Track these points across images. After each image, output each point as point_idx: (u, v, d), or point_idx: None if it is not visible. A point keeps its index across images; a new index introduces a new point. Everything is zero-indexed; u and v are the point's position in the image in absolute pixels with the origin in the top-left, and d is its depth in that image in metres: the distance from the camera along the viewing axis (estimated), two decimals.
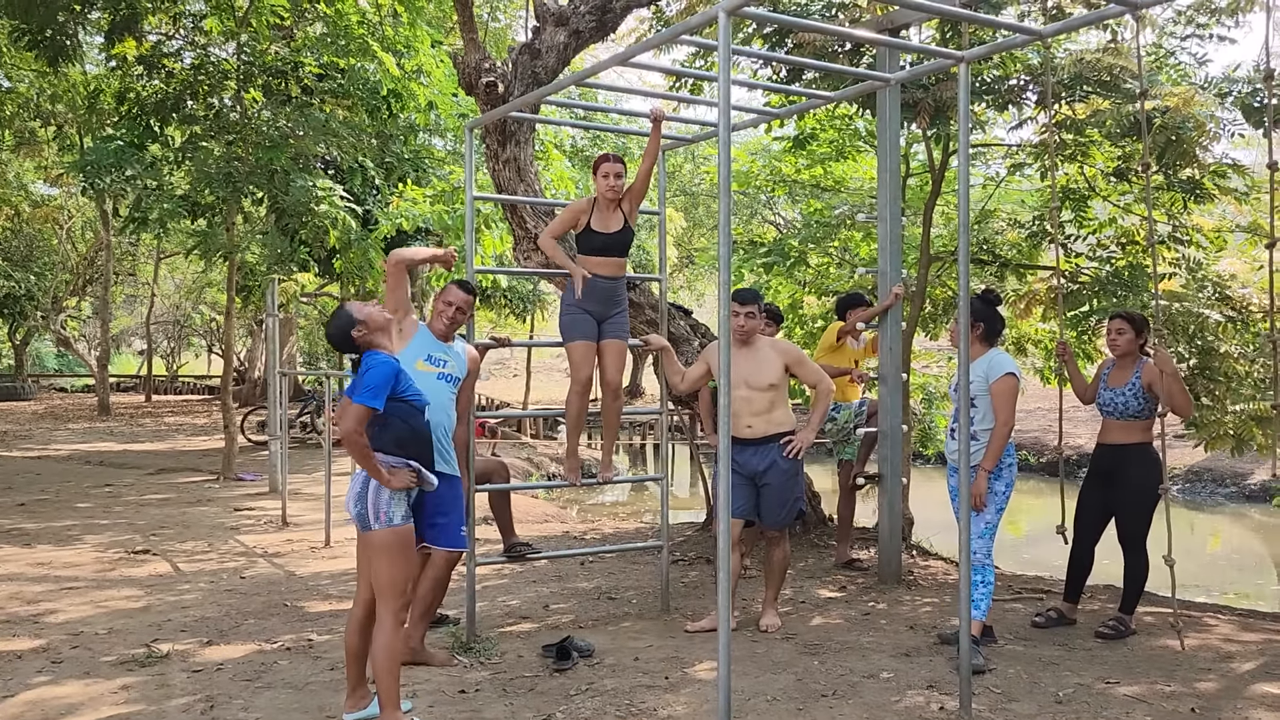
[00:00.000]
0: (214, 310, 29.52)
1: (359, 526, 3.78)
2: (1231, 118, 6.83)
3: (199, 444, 16.44)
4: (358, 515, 3.76)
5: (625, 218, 5.19)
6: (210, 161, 10.90)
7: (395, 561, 3.73)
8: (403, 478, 3.75)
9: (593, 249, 5.17)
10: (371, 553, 3.76)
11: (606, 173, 5.11)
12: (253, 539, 8.08)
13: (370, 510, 3.72)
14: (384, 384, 3.67)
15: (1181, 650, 4.92)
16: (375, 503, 3.71)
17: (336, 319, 3.86)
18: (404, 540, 3.77)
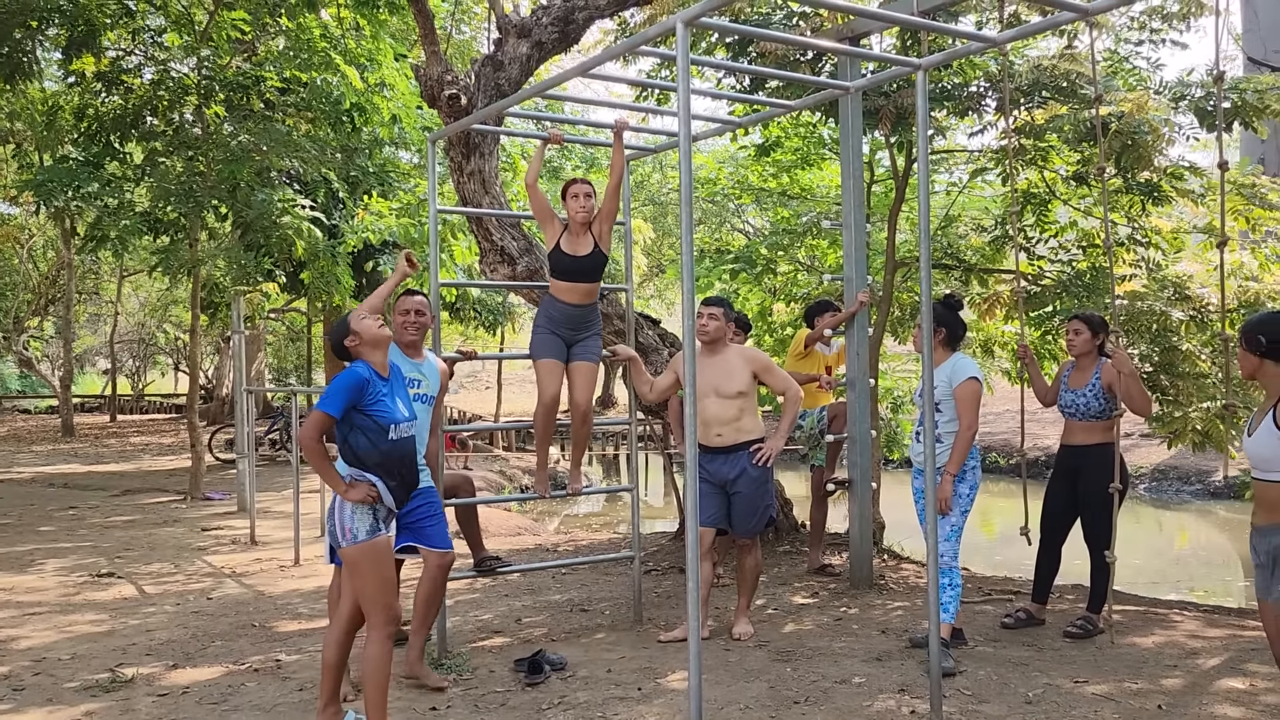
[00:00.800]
0: (179, 329, 29.19)
1: (334, 545, 3.80)
2: (1188, 121, 6.94)
3: (165, 464, 16.24)
4: (330, 534, 3.78)
5: (596, 241, 5.10)
6: (170, 178, 10.78)
7: (367, 575, 3.71)
8: (359, 491, 3.72)
9: (561, 271, 5.10)
10: (347, 567, 3.78)
11: (575, 193, 5.05)
12: (220, 559, 7.99)
13: (337, 527, 3.72)
14: (343, 391, 3.66)
15: (1112, 645, 4.99)
16: (340, 519, 3.71)
17: (337, 326, 3.94)
18: (372, 554, 3.74)
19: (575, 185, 5.10)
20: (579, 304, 5.15)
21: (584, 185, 5.10)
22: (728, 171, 11.49)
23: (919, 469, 5.06)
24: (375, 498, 3.75)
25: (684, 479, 3.65)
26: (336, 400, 3.65)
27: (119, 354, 31.21)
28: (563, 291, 5.11)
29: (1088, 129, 6.39)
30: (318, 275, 11.36)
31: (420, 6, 6.86)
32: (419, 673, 4.56)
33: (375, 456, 3.75)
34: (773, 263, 9.66)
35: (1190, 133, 6.92)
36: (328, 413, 3.65)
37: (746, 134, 9.76)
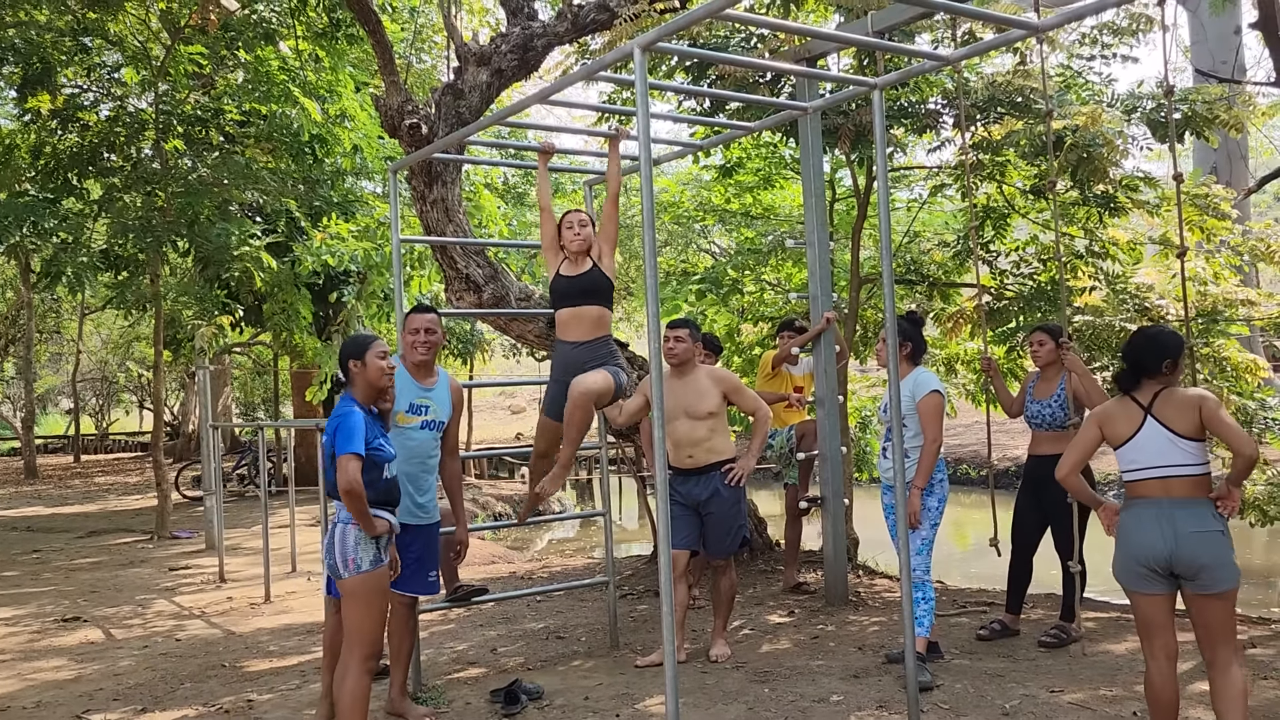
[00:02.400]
0: (142, 366, 28.80)
1: (334, 577, 3.81)
2: (1141, 133, 7.07)
3: (132, 503, 15.97)
4: (329, 566, 3.80)
5: (595, 263, 4.68)
6: (129, 213, 10.68)
7: (365, 607, 3.75)
8: (383, 523, 3.80)
9: (560, 295, 4.65)
10: (345, 599, 3.79)
11: (569, 222, 4.70)
12: (189, 599, 7.85)
13: (339, 559, 3.74)
14: (359, 429, 3.72)
15: (1084, 656, 5.02)
16: (342, 550, 3.73)
17: (354, 342, 3.94)
18: (374, 585, 3.78)
19: (570, 214, 4.83)
20: (584, 340, 4.59)
21: (579, 214, 4.81)
22: (691, 193, 11.54)
23: (887, 485, 5.08)
24: (389, 530, 3.80)
25: (656, 501, 3.64)
26: (358, 438, 3.70)
27: (82, 393, 30.74)
28: (565, 324, 4.63)
29: (1043, 143, 6.49)
30: (278, 309, 11.25)
31: (379, 37, 6.85)
32: (402, 709, 4.50)
33: (370, 494, 3.76)
34: (739, 283, 9.70)
35: (1144, 144, 7.05)
36: (358, 453, 3.68)
37: (709, 155, 9.82)
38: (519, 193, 17.44)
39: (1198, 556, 3.35)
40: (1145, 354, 3.54)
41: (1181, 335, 3.67)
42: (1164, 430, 3.45)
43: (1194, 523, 3.37)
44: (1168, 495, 3.43)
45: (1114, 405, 3.62)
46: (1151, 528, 3.43)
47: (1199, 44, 17.21)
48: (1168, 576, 3.44)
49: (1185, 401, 3.44)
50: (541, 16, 7.04)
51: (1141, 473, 3.50)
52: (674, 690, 3.39)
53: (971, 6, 4.35)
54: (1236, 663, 3.40)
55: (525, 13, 6.93)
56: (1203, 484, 3.43)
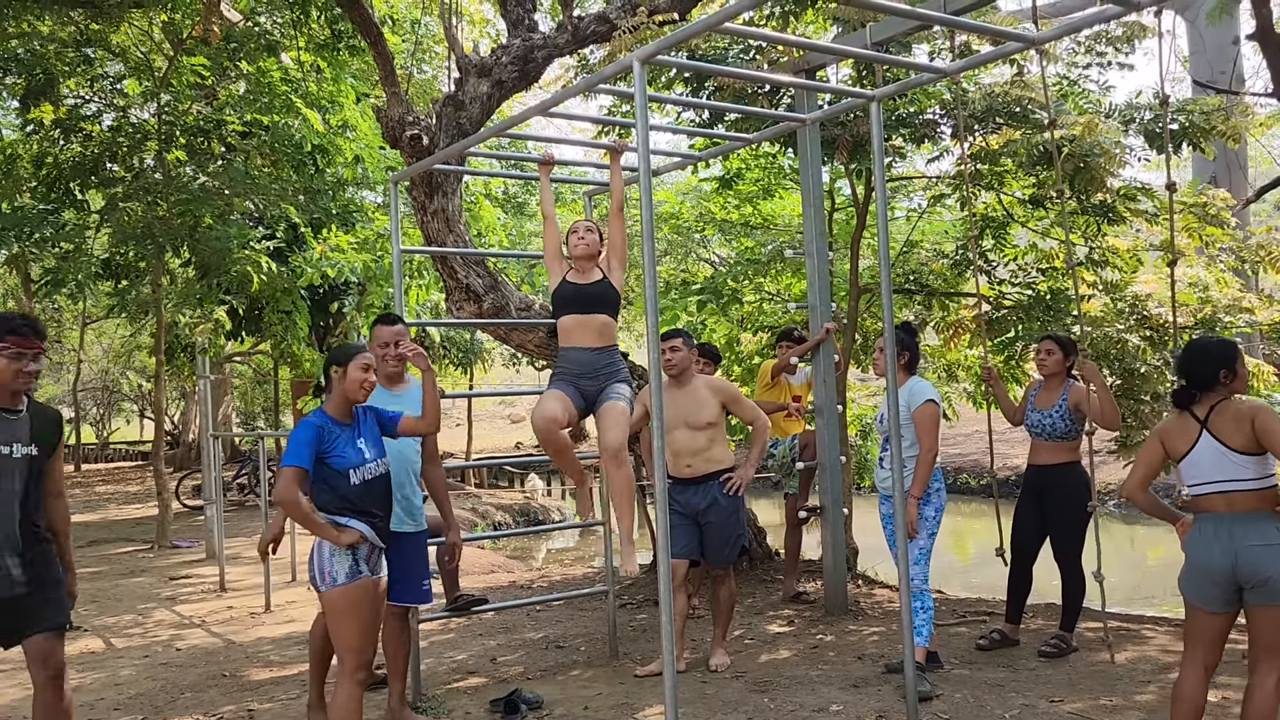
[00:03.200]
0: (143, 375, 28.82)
1: (315, 589, 3.79)
2: (1139, 143, 7.10)
3: (132, 512, 15.97)
4: (310, 579, 3.77)
5: (605, 274, 4.60)
6: (130, 221, 10.71)
7: (343, 620, 3.69)
8: (350, 535, 3.71)
9: (564, 302, 4.55)
10: (326, 613, 3.77)
11: (575, 229, 4.63)
12: (190, 608, 7.86)
13: (317, 572, 3.71)
14: (305, 443, 3.66)
15: (1112, 663, 5.02)
16: (320, 564, 3.70)
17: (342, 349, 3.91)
18: (352, 598, 3.71)
19: (577, 223, 4.75)
20: (593, 346, 4.48)
21: (584, 222, 4.75)
22: (690, 204, 11.57)
23: (885, 494, 5.10)
24: (361, 540, 3.74)
25: (655, 511, 3.65)
26: (301, 451, 3.65)
27: (83, 402, 30.74)
28: (570, 331, 4.51)
29: (1041, 153, 6.52)
30: (276, 318, 11.26)
31: (380, 48, 6.89)
32: (402, 719, 4.49)
33: (338, 503, 3.73)
34: (739, 293, 9.73)
35: (1141, 155, 7.08)
36: (297, 465, 3.64)
37: (708, 166, 9.85)
38: (519, 203, 17.49)
39: (1259, 569, 3.33)
40: (1198, 366, 3.50)
41: (1235, 342, 3.62)
42: (1219, 445, 3.42)
43: (1255, 536, 3.35)
44: (1230, 509, 3.41)
45: (1174, 420, 3.59)
46: (1212, 543, 3.42)
47: (1197, 54, 17.27)
48: (1233, 592, 3.41)
49: (1240, 414, 3.42)
50: (542, 28, 7.08)
51: (1202, 488, 3.48)
52: (673, 700, 3.40)
53: (968, 20, 4.38)
54: (1275, 676, 3.38)
55: (526, 24, 6.97)
56: (1267, 497, 3.40)
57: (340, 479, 3.74)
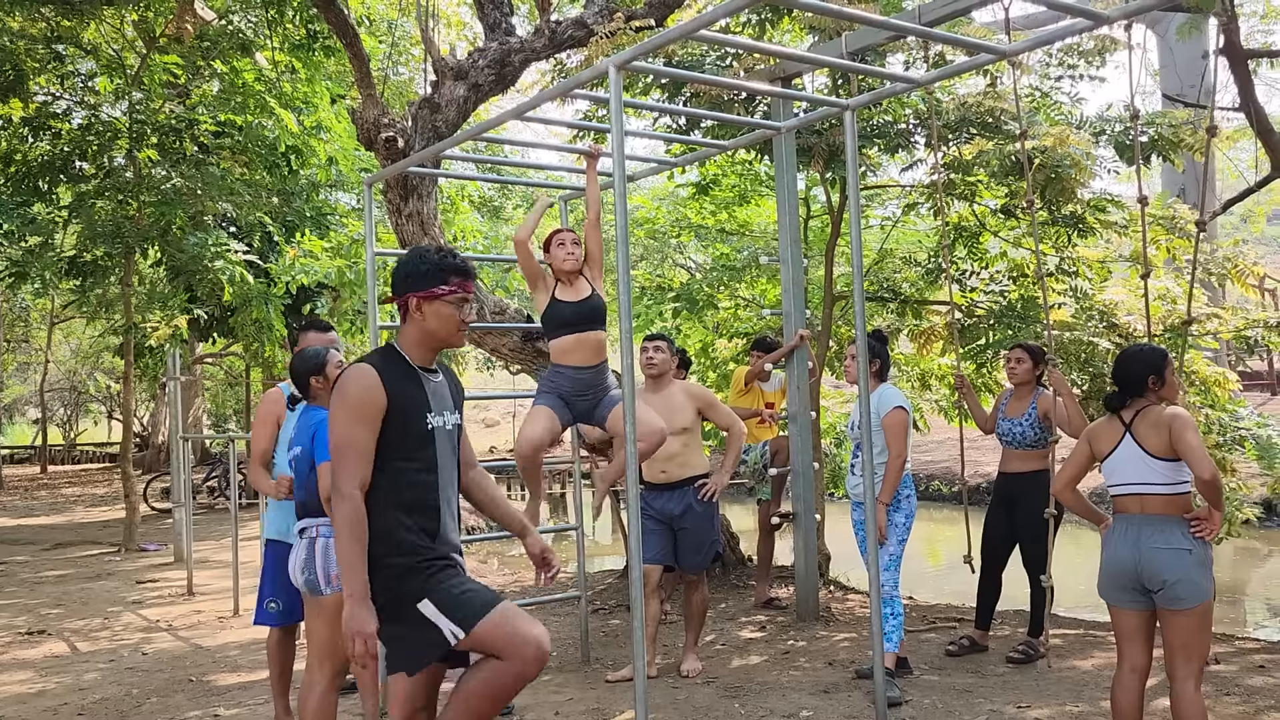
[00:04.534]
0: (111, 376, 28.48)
1: (307, 592, 3.71)
2: (1109, 155, 7.19)
3: (99, 515, 15.79)
4: (306, 582, 3.69)
5: (591, 285, 4.60)
6: (99, 220, 10.59)
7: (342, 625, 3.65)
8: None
9: (561, 322, 4.53)
10: (320, 617, 3.67)
11: (561, 240, 4.53)
12: (156, 612, 7.77)
13: (320, 575, 3.65)
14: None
15: (1050, 670, 5.07)
16: (325, 566, 3.64)
17: (312, 358, 3.85)
18: None
19: (559, 234, 4.68)
20: (589, 364, 4.51)
21: (568, 233, 4.68)
22: (667, 209, 11.59)
23: (857, 501, 5.12)
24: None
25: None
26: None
27: (50, 403, 30.35)
28: (569, 351, 4.48)
29: (1013, 163, 6.59)
30: (249, 322, 11.17)
31: (355, 49, 6.86)
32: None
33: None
34: (714, 299, 9.75)
35: (1111, 167, 7.17)
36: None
37: (684, 172, 9.88)
38: (495, 206, 17.45)
39: (1160, 572, 3.41)
40: (1128, 371, 3.60)
41: (1166, 350, 3.70)
42: (1138, 448, 3.51)
43: (1160, 539, 3.43)
44: (1142, 511, 3.50)
45: (1102, 423, 3.69)
46: (1121, 543, 3.51)
47: (1167, 68, 17.51)
48: (1140, 591, 3.49)
49: (1159, 420, 3.49)
50: (519, 32, 7.07)
51: (1119, 489, 3.58)
52: (644, 705, 3.40)
53: (942, 31, 4.42)
54: (1194, 681, 3.44)
55: (503, 28, 6.96)
56: (1177, 503, 3.48)
57: None
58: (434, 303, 2.82)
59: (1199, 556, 3.43)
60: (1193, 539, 3.43)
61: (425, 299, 2.81)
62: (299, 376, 3.87)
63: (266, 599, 4.32)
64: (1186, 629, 3.43)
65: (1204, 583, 3.42)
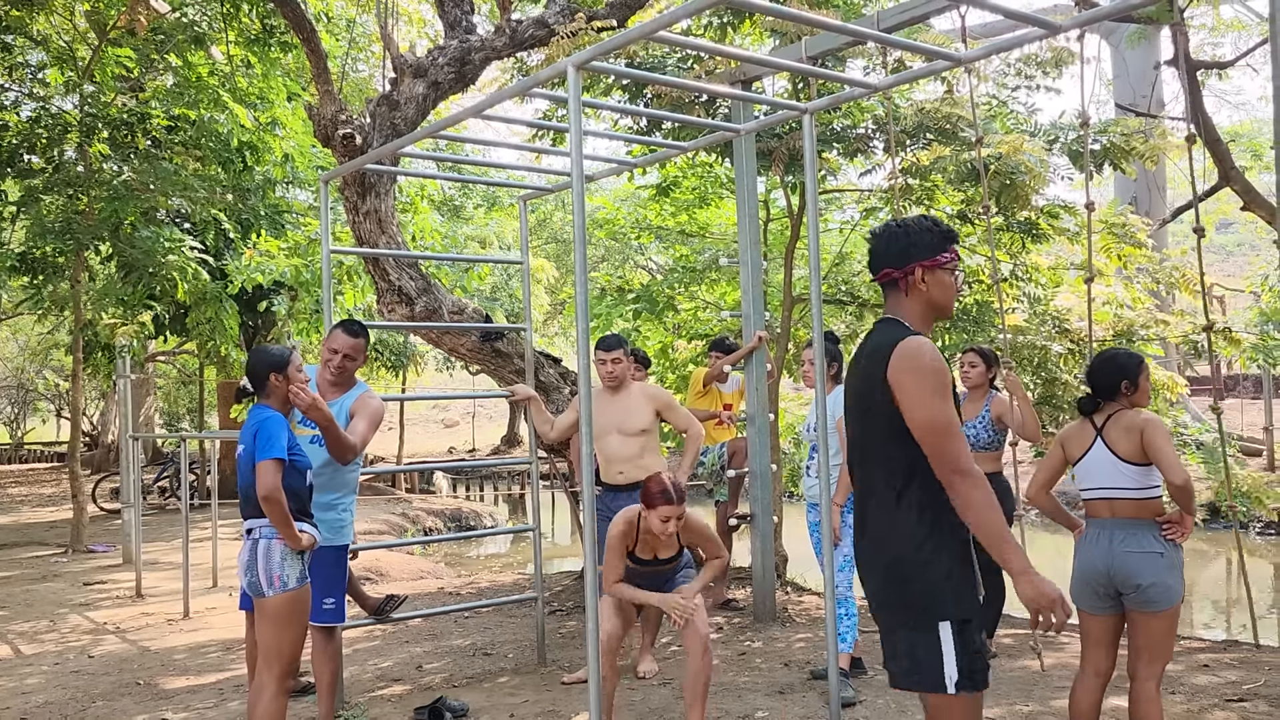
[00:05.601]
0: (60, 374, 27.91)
1: (252, 594, 3.66)
2: (1063, 163, 7.30)
3: (46, 515, 15.46)
4: (249, 584, 3.63)
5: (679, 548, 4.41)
6: (49, 215, 10.37)
7: (287, 626, 3.61)
8: (308, 538, 3.65)
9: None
10: (264, 619, 3.62)
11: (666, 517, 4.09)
12: (104, 614, 7.62)
13: (262, 576, 3.59)
14: (281, 434, 3.59)
15: (1041, 670, 5.13)
16: (267, 568, 3.58)
17: (277, 353, 3.76)
18: (299, 604, 3.65)
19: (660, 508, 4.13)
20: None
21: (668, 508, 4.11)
22: (626, 210, 11.60)
23: (813, 503, 5.15)
24: (314, 544, 3.68)
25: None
26: (280, 443, 3.56)
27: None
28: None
29: (969, 170, 6.67)
30: (203, 320, 11.00)
31: (313, 45, 6.77)
32: None
33: (297, 503, 3.65)
34: (674, 300, 9.78)
35: (1065, 174, 7.29)
36: (280, 458, 3.54)
37: (645, 174, 9.89)
38: (454, 205, 17.35)
39: (1131, 575, 3.43)
40: (1102, 376, 3.61)
41: (1141, 356, 3.73)
42: (1109, 453, 3.53)
43: (1131, 543, 3.46)
44: (1113, 516, 3.53)
45: (1075, 426, 3.71)
46: (1093, 547, 3.54)
47: (1120, 78, 17.84)
48: (1113, 597, 3.51)
49: (1131, 425, 3.51)
50: (480, 31, 7.03)
51: (1090, 493, 3.60)
52: (598, 708, 3.39)
53: (900, 38, 4.46)
54: (1155, 682, 3.47)
55: (463, 26, 6.92)
56: (1148, 507, 3.51)
57: (300, 478, 3.69)
58: (937, 271, 2.68)
59: (1170, 559, 3.46)
60: (1164, 542, 3.46)
61: (930, 268, 2.66)
62: (258, 371, 3.74)
63: (324, 599, 4.25)
64: (1155, 631, 3.46)
65: (1175, 585, 3.45)
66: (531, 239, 17.75)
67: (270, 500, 3.51)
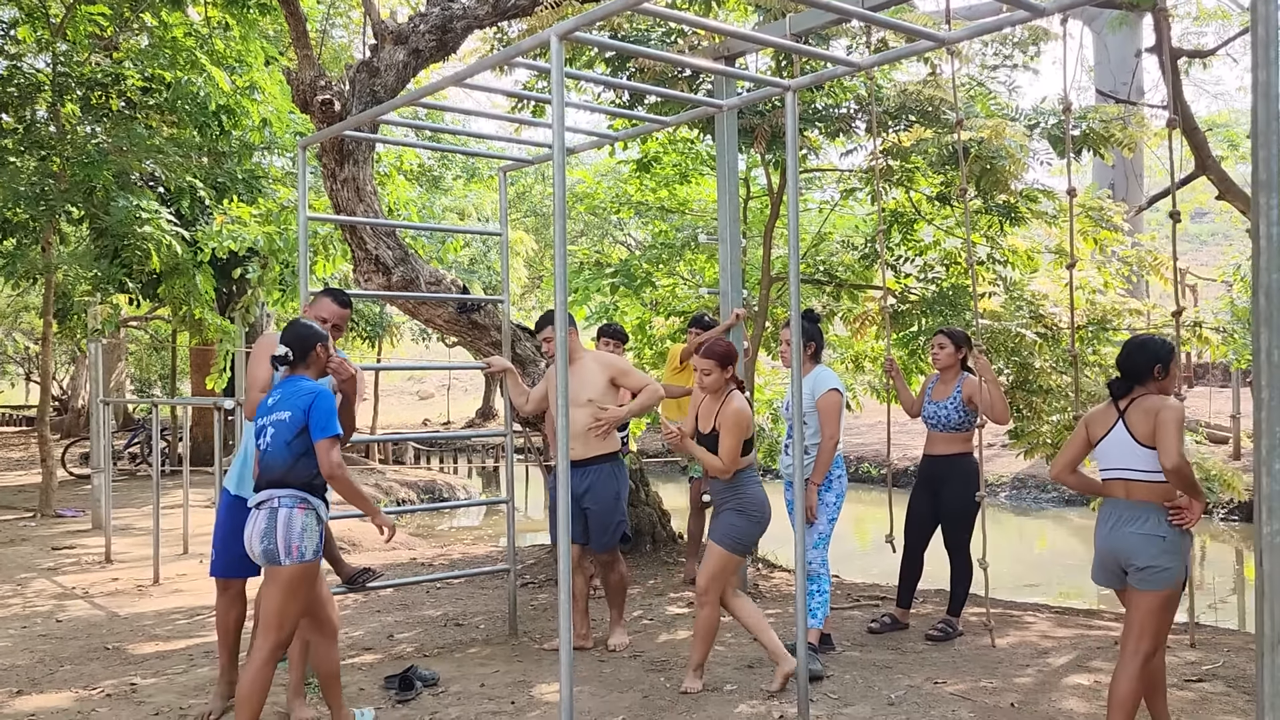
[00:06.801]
0: (30, 337, 27.54)
1: (265, 562, 3.68)
2: (1043, 148, 7.33)
3: (14, 479, 15.31)
4: (264, 551, 3.67)
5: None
6: (21, 178, 10.19)
7: (293, 598, 3.67)
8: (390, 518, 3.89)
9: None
10: (274, 587, 3.67)
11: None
12: (72, 579, 7.57)
13: (280, 545, 3.63)
14: (335, 412, 3.70)
15: (993, 647, 5.22)
16: (286, 537, 3.63)
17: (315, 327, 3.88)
18: (310, 576, 3.72)
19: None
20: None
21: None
22: (607, 185, 11.54)
23: (788, 481, 5.18)
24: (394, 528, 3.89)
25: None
26: (336, 420, 3.69)
27: None
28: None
29: (950, 152, 6.68)
30: (177, 288, 10.87)
31: (292, 7, 6.68)
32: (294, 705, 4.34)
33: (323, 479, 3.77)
34: (652, 277, 9.76)
35: (1045, 160, 7.32)
36: (339, 435, 3.69)
37: (626, 148, 9.84)
38: (434, 175, 17.20)
39: (1130, 555, 3.54)
40: (1135, 359, 3.69)
41: (1172, 344, 3.78)
42: (1128, 435, 3.60)
43: (1135, 524, 3.55)
44: (1127, 497, 3.61)
45: (1101, 408, 3.80)
46: (1104, 524, 3.65)
47: (1101, 65, 17.88)
48: (1119, 573, 3.62)
49: (1150, 409, 3.58)
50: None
51: (1107, 473, 3.69)
52: (569, 678, 3.41)
53: (884, 16, 4.45)
54: (1140, 660, 3.54)
55: None
56: (1160, 491, 3.57)
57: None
58: None
59: (1171, 543, 3.52)
60: (1169, 526, 3.53)
61: None
62: (307, 341, 3.81)
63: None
64: (1146, 609, 3.54)
65: (1172, 568, 3.52)
66: (511, 212, 17.66)
67: (337, 477, 3.66)
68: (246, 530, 3.76)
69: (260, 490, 3.73)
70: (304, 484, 3.69)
